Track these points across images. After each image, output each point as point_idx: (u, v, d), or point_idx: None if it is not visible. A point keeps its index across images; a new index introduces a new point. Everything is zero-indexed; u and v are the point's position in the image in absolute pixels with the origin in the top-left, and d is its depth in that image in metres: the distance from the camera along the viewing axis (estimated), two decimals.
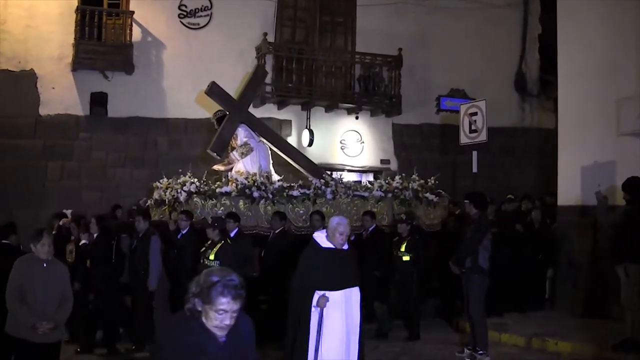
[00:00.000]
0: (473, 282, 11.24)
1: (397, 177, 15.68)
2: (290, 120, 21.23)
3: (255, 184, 13.80)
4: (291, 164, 15.98)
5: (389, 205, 14.96)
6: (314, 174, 15.31)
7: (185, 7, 20.57)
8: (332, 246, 8.07)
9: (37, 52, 19.27)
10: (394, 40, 21.40)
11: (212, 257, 10.97)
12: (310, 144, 20.88)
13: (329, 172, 16.24)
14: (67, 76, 19.48)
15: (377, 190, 14.93)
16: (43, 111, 19.31)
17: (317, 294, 7.82)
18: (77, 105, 19.55)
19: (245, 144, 14.80)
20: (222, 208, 13.45)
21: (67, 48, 19.36)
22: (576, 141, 15.37)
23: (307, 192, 14.27)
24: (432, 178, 15.67)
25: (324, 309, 7.77)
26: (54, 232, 13.05)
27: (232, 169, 14.73)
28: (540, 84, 23.98)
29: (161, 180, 14.85)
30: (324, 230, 8.28)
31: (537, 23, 23.99)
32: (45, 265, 7.80)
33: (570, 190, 15.39)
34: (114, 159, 19.67)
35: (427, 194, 15.32)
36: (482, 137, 14.99)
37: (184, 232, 13.00)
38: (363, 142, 21.97)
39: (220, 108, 15.19)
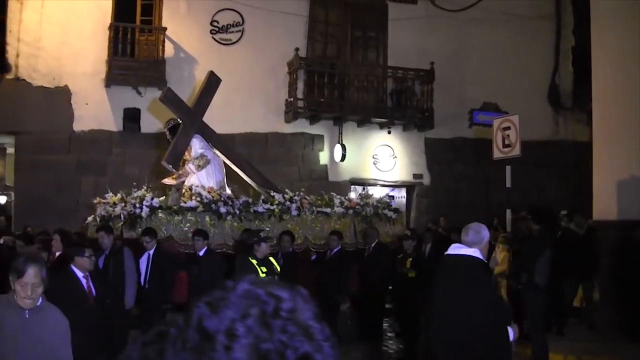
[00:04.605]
0: (529, 300, 11.08)
1: (356, 194, 15.47)
2: (323, 135, 21.22)
3: (222, 198, 13.06)
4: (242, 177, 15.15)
5: (351, 221, 14.47)
6: (266, 189, 14.60)
7: (217, 23, 20.67)
8: None
9: (71, 69, 19.43)
10: (426, 54, 21.34)
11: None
12: (343, 158, 20.85)
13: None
14: (101, 92, 19.62)
15: (338, 206, 14.42)
16: (77, 127, 19.45)
17: None
18: (111, 121, 19.68)
19: (202, 155, 13.85)
20: (187, 224, 12.67)
21: (101, 64, 19.51)
22: (611, 154, 15.15)
23: (271, 207, 13.57)
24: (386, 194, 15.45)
25: None
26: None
27: (183, 182, 13.81)
28: (574, 97, 23.77)
29: (107, 195, 13.71)
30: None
31: (570, 35, 23.84)
32: (27, 315, 5.20)
33: (606, 204, 15.18)
34: (146, 174, 19.75)
35: (386, 211, 15.03)
36: (516, 151, 14.83)
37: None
38: (396, 157, 21.90)
39: (173, 117, 14.30)
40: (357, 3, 21.70)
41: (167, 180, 14.03)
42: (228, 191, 13.78)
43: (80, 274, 8.08)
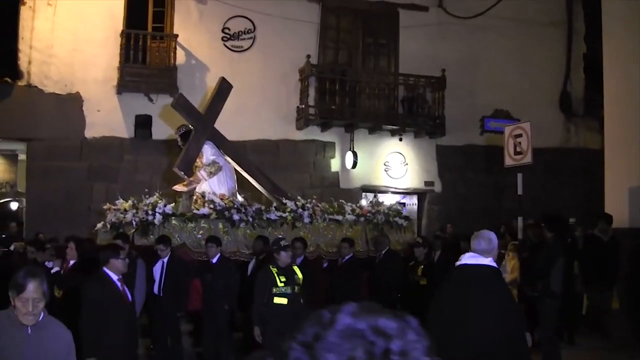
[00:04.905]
0: (544, 307, 11.04)
1: (367, 201, 15.40)
2: (334, 142, 21.19)
3: (235, 205, 13.03)
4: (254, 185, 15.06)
5: (363, 229, 14.43)
6: (277, 197, 14.55)
7: (229, 30, 20.69)
8: None
9: (83, 76, 19.48)
10: (437, 61, 21.31)
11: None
12: (354, 165, 20.82)
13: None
14: (112, 99, 19.66)
15: (349, 214, 14.37)
16: (88, 134, 19.50)
17: None
18: (122, 127, 19.72)
19: (214, 162, 13.76)
20: (201, 232, 12.65)
21: (112, 71, 19.55)
22: (623, 162, 15.12)
23: (284, 215, 13.53)
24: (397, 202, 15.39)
25: None
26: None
27: (194, 189, 13.75)
28: (585, 104, 23.69)
29: (117, 202, 13.64)
30: None
31: (581, 42, 23.78)
32: (29, 332, 4.84)
33: (618, 211, 15.11)
34: (158, 181, 19.77)
35: (397, 218, 14.98)
36: (527, 159, 14.79)
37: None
38: (407, 164, 21.86)
39: (184, 123, 14.16)
40: (368, 10, 21.69)
41: (178, 187, 13.94)
42: (239, 198, 13.70)
43: (114, 277, 8.03)
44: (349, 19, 21.77)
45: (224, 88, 14.67)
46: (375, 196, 15.97)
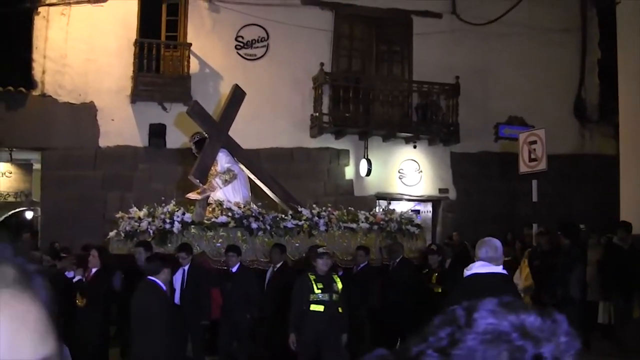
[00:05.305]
0: (564, 314, 10.97)
1: (379, 209, 15.35)
2: (348, 150, 21.16)
3: (253, 214, 12.97)
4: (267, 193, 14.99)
5: (376, 237, 14.37)
6: (290, 205, 14.46)
7: (242, 38, 20.70)
8: None
9: (97, 85, 19.52)
10: (451, 68, 21.23)
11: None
12: (368, 173, 20.78)
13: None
14: (126, 108, 19.70)
15: (362, 221, 14.28)
16: (103, 143, 19.53)
17: None
18: (136, 136, 19.75)
19: (229, 170, 13.68)
20: (220, 240, 12.60)
21: (126, 80, 19.59)
22: (639, 168, 15.07)
23: (300, 223, 13.45)
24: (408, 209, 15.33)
25: None
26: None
27: (208, 197, 13.63)
28: (600, 110, 23.59)
29: (131, 210, 13.62)
30: None
31: (596, 48, 23.68)
32: None
33: (633, 218, 15.03)
34: (172, 189, 19.77)
35: (409, 226, 14.93)
36: (542, 166, 14.76)
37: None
38: (421, 171, 21.80)
39: (199, 131, 14.09)
40: (381, 17, 21.65)
41: (192, 195, 13.76)
42: (254, 206, 13.55)
43: (163, 287, 8.04)
44: (363, 26, 21.76)
45: (237, 95, 14.65)
46: (389, 204, 15.90)
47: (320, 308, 10.08)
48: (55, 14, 19.42)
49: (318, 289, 10.11)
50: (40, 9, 19.39)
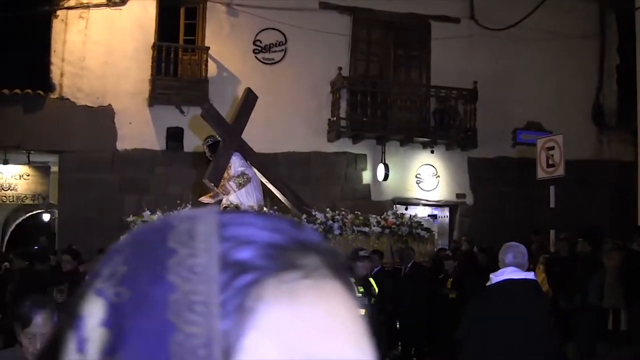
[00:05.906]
0: (582, 320, 10.93)
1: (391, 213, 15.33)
2: (365, 155, 21.13)
3: None
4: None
5: (389, 241, 14.41)
6: (300, 209, 14.38)
7: (260, 42, 20.71)
8: None
9: (115, 88, 19.56)
10: (469, 73, 21.16)
11: None
12: (386, 178, 20.74)
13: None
14: (144, 111, 19.72)
15: (374, 225, 14.25)
16: (120, 146, 19.57)
17: None
18: (154, 140, 19.77)
19: (243, 173, 13.47)
20: None
21: (144, 84, 19.60)
22: None
23: (314, 227, 13.02)
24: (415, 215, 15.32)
25: None
26: None
27: (220, 200, 13.44)
28: (619, 116, 23.47)
29: (144, 214, 13.73)
30: None
31: (614, 54, 23.57)
32: None
33: None
34: (189, 193, 19.76)
35: (419, 230, 14.91)
36: (560, 171, 14.73)
37: None
38: (438, 177, 21.75)
39: (212, 134, 13.97)
40: (399, 22, 21.63)
41: (204, 199, 13.72)
42: (267, 210, 13.44)
43: None
44: (380, 31, 21.73)
45: (249, 99, 14.60)
46: (406, 209, 15.84)
47: (361, 312, 10.05)
48: (74, 17, 19.47)
49: (359, 292, 10.09)
50: (58, 12, 19.45)
